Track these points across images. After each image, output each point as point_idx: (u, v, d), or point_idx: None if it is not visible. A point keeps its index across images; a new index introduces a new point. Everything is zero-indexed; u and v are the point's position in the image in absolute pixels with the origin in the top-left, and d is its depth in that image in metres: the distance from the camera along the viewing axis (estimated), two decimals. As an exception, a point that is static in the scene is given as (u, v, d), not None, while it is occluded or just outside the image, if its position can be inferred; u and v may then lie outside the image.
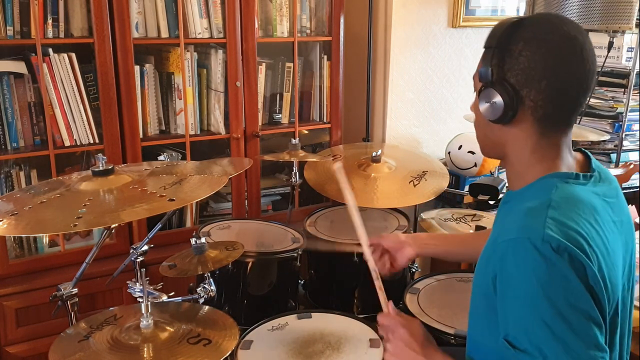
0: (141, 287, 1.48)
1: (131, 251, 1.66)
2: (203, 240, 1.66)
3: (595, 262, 0.98)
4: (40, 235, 2.12)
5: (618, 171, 2.71)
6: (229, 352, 1.38)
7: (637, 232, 2.20)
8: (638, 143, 3.00)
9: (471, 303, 1.19)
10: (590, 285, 0.97)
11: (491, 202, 2.49)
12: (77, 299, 1.57)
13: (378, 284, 1.37)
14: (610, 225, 1.08)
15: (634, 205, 2.42)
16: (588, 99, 1.17)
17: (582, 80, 1.08)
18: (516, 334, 1.00)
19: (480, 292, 1.11)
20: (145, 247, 1.67)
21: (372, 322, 1.73)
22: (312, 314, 1.76)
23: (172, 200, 1.37)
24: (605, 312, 1.00)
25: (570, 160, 1.14)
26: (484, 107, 1.12)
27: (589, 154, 1.19)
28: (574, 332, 0.95)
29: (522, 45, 1.06)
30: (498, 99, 1.09)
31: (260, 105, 2.43)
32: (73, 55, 2.04)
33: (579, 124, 2.76)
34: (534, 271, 0.96)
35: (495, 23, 1.15)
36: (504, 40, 1.08)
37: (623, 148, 2.91)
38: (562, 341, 0.95)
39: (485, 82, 1.11)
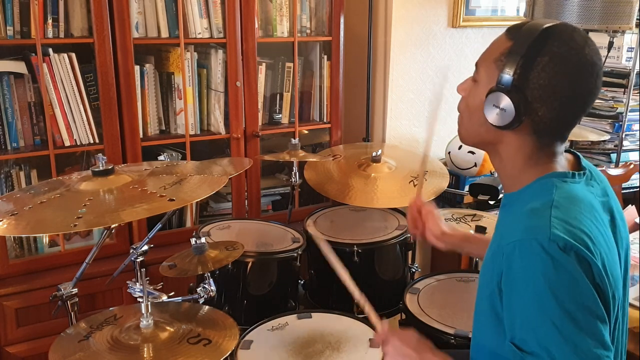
0: (141, 287, 1.48)
1: (131, 251, 1.66)
2: (203, 240, 1.66)
3: (599, 259, 0.99)
4: (40, 235, 2.12)
5: (618, 171, 2.71)
6: (229, 352, 1.38)
7: (638, 232, 2.21)
8: (638, 143, 3.00)
9: (476, 306, 1.19)
10: (597, 283, 0.97)
11: (491, 202, 2.49)
12: (77, 299, 1.58)
13: (367, 308, 1.41)
14: (606, 224, 1.09)
15: (633, 205, 2.42)
16: None
17: (590, 102, 1.10)
18: (523, 336, 0.99)
19: (485, 296, 1.11)
20: (145, 247, 1.67)
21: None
22: (312, 314, 1.77)
23: (172, 200, 1.37)
24: (610, 309, 1.01)
25: (563, 161, 1.15)
26: (490, 109, 1.10)
27: (578, 154, 1.21)
28: (582, 332, 0.95)
29: (547, 60, 1.04)
30: (509, 107, 1.07)
31: (260, 105, 2.43)
32: (73, 55, 2.04)
33: (579, 123, 2.75)
34: (541, 271, 0.96)
35: (519, 22, 1.12)
36: (533, 51, 1.05)
37: (623, 148, 2.92)
38: (570, 341, 0.95)
39: (500, 87, 1.08)
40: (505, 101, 1.07)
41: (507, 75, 1.07)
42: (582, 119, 1.13)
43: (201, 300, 1.67)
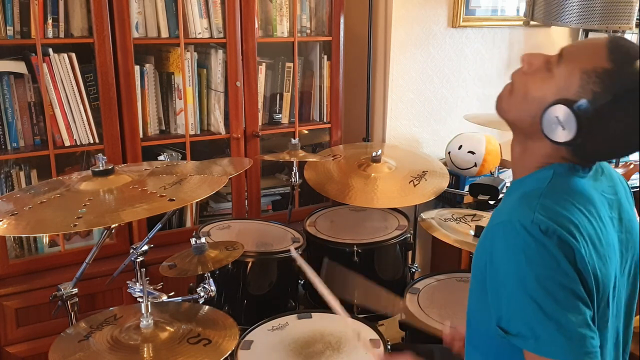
0: (141, 287, 1.48)
1: (131, 251, 1.66)
2: (203, 240, 1.66)
3: (584, 249, 0.98)
4: (40, 235, 2.12)
5: (618, 171, 2.71)
6: (229, 352, 1.38)
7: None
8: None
9: (469, 289, 1.19)
10: (579, 269, 0.97)
11: (491, 202, 2.49)
12: (77, 299, 1.58)
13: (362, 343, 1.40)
14: (606, 220, 1.08)
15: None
16: None
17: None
18: (509, 317, 1.00)
19: (477, 279, 1.11)
20: (145, 247, 1.67)
21: (372, 322, 1.74)
22: (312, 314, 1.77)
23: (172, 200, 1.37)
24: (593, 299, 1.00)
25: None
26: (549, 117, 1.02)
27: None
28: (565, 310, 0.95)
29: (633, 115, 1.00)
30: (569, 131, 1.01)
31: (260, 105, 2.43)
32: (73, 55, 2.04)
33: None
34: (523, 251, 0.97)
35: (626, 44, 1.02)
36: (627, 99, 0.99)
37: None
38: (553, 319, 0.95)
39: (575, 108, 1.00)
40: (570, 123, 1.01)
41: (588, 104, 1.00)
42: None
43: (201, 300, 1.67)
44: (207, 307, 1.59)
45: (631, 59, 1.00)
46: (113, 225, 1.53)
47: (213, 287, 1.69)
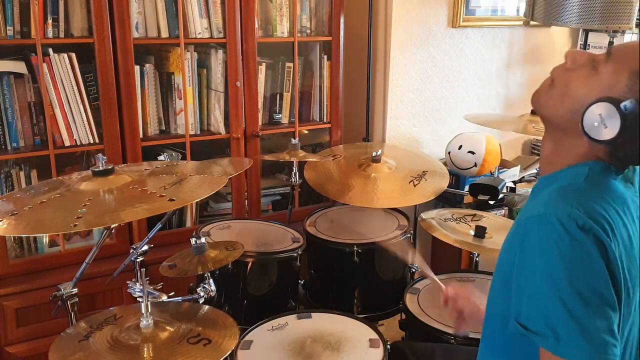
0: (141, 287, 1.48)
1: (131, 251, 1.66)
2: (203, 240, 1.66)
3: (617, 248, 0.97)
4: (40, 235, 2.12)
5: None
6: (229, 352, 1.38)
7: None
8: (638, 143, 3.00)
9: (491, 287, 1.18)
10: (611, 269, 0.95)
11: (491, 202, 2.49)
12: (77, 299, 1.58)
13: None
14: (637, 221, 1.07)
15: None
16: None
17: None
18: (529, 314, 0.97)
19: (501, 275, 1.09)
20: (145, 247, 1.67)
21: (372, 322, 1.74)
22: (312, 314, 1.77)
23: (172, 200, 1.37)
24: (621, 302, 0.98)
25: None
26: (592, 113, 1.01)
27: None
28: (591, 315, 0.93)
29: None
30: (611, 129, 1.00)
31: (260, 105, 2.43)
32: (73, 55, 2.04)
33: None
34: (557, 245, 0.94)
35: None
36: None
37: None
38: (578, 322, 0.92)
39: (620, 107, 0.99)
40: (614, 122, 0.99)
41: (635, 104, 0.99)
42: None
43: (201, 300, 1.67)
44: (207, 307, 1.59)
45: None
46: (113, 225, 1.53)
47: (213, 287, 1.69)
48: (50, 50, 2.01)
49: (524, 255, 0.99)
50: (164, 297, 1.61)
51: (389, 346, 1.59)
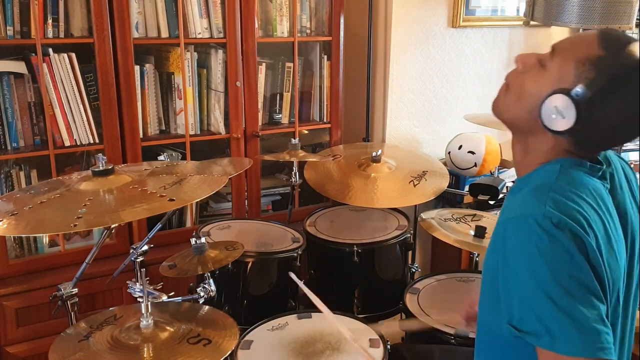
0: (141, 287, 1.48)
1: (131, 251, 1.66)
2: (203, 240, 1.66)
3: (594, 241, 0.98)
4: (40, 235, 2.12)
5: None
6: (229, 352, 1.38)
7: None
8: (638, 143, 3.00)
9: (480, 293, 1.18)
10: (592, 263, 0.97)
11: (491, 202, 2.49)
12: (77, 299, 1.58)
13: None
14: (614, 215, 1.08)
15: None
16: None
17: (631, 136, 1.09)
18: (522, 315, 0.98)
19: (488, 279, 1.10)
20: (145, 247, 1.67)
21: (372, 322, 1.74)
22: (312, 314, 1.76)
23: (172, 200, 1.37)
24: (606, 294, 0.99)
25: None
26: (548, 108, 1.05)
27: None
28: (579, 305, 0.94)
29: (631, 97, 1.02)
30: (569, 119, 1.03)
31: (260, 105, 2.43)
32: (73, 55, 2.04)
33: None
34: (536, 245, 0.96)
35: (616, 33, 1.05)
36: (621, 81, 1.01)
37: (623, 148, 2.91)
38: (568, 314, 0.94)
39: (573, 95, 1.02)
40: (570, 111, 1.03)
41: (585, 90, 1.02)
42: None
43: (201, 300, 1.67)
44: (207, 307, 1.59)
45: (622, 45, 1.03)
46: (113, 225, 1.53)
47: (213, 287, 1.69)
48: (50, 50, 2.01)
49: (506, 258, 1.01)
50: (164, 297, 1.61)
51: (389, 346, 1.59)
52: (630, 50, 1.03)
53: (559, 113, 1.04)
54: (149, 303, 1.44)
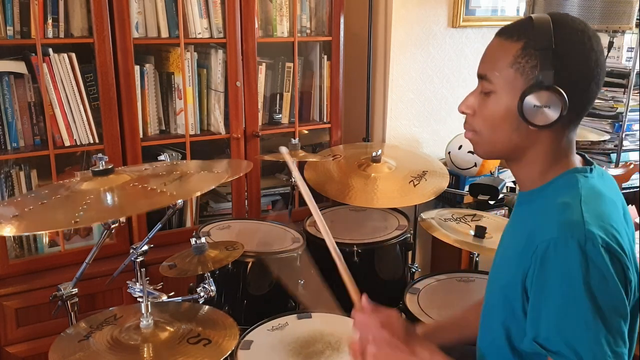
0: (141, 287, 1.48)
1: (131, 251, 1.66)
2: (203, 240, 1.66)
3: (627, 254, 0.99)
4: (40, 235, 2.12)
5: (618, 171, 2.71)
6: (229, 352, 1.38)
7: (637, 232, 2.21)
8: (638, 143, 3.00)
9: (484, 307, 1.18)
10: (629, 279, 0.98)
11: (491, 202, 2.49)
12: (77, 299, 1.57)
13: (346, 276, 1.27)
14: (622, 217, 1.09)
15: (634, 205, 2.42)
16: None
17: (603, 79, 1.09)
18: (548, 335, 0.98)
19: (501, 294, 1.10)
20: (145, 247, 1.67)
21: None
22: (312, 314, 1.76)
23: (174, 194, 1.36)
24: (632, 305, 1.01)
25: (577, 156, 1.15)
26: (532, 111, 1.04)
27: (581, 152, 1.20)
28: (611, 333, 0.95)
29: (571, 47, 1.04)
30: (555, 102, 1.03)
31: (260, 105, 2.43)
32: (73, 55, 2.04)
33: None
34: (579, 271, 0.96)
35: (510, 24, 1.09)
36: (556, 41, 1.03)
37: (623, 148, 2.91)
38: (599, 342, 0.95)
39: (542, 85, 1.03)
40: (551, 97, 1.03)
41: (544, 71, 1.03)
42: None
43: (201, 300, 1.67)
44: (207, 307, 1.59)
45: (525, 23, 1.06)
46: (113, 225, 1.53)
47: (213, 287, 1.69)
48: (50, 50, 2.01)
49: (542, 280, 1.00)
50: (164, 297, 1.61)
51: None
52: (537, 21, 1.04)
53: (542, 107, 1.03)
54: (149, 303, 1.44)
